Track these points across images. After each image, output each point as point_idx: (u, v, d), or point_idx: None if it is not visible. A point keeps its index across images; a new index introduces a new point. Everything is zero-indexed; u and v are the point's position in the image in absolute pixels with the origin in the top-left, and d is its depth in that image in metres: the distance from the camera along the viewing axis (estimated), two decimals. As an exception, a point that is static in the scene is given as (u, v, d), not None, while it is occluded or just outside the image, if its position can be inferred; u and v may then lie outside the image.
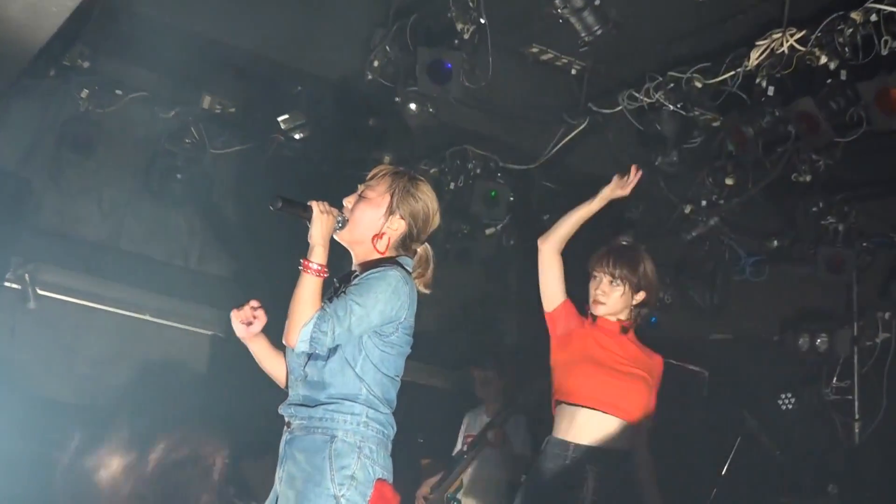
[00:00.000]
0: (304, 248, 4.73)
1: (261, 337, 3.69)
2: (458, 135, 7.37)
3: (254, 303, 3.66)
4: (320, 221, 3.47)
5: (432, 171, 7.61)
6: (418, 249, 3.72)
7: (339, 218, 3.57)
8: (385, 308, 3.47)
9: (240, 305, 3.65)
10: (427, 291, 3.70)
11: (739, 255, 7.40)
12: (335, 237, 3.58)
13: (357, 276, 3.56)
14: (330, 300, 3.48)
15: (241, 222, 8.06)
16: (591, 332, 4.75)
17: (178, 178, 7.68)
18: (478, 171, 7.55)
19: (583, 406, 4.63)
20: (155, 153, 7.72)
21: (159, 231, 7.96)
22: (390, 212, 3.63)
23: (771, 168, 6.34)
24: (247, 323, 3.64)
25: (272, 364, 3.75)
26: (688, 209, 7.00)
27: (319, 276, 3.42)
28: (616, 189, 4.88)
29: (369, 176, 3.74)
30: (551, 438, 4.70)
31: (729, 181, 6.72)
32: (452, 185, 7.57)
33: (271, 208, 3.45)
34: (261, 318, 3.65)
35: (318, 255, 3.44)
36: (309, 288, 3.41)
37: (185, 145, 7.64)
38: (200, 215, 8.05)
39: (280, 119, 7.03)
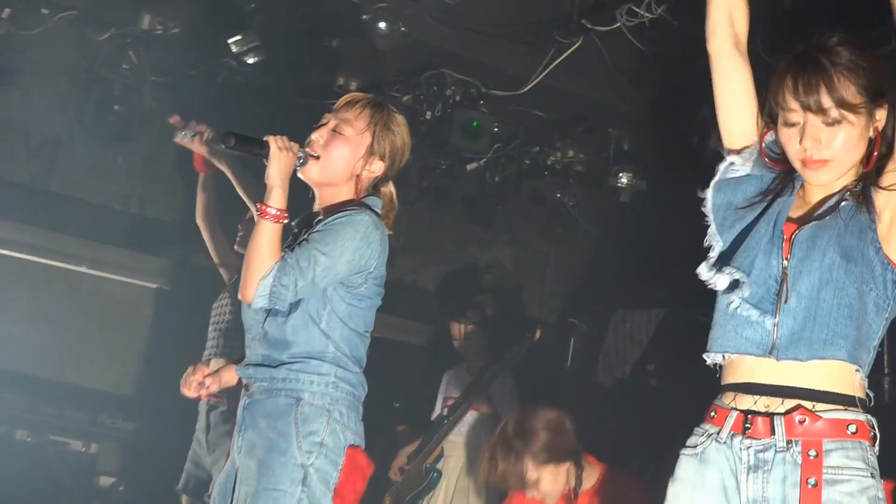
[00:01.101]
0: (260, 189, 4.72)
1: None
2: (435, 57, 7.34)
3: (199, 375, 3.71)
4: (279, 159, 3.44)
5: (405, 98, 7.57)
6: (384, 188, 3.75)
7: (301, 154, 3.54)
8: (353, 257, 3.48)
9: (185, 378, 3.73)
10: (389, 232, 3.71)
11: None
12: (300, 175, 3.58)
13: (320, 220, 3.55)
14: (290, 249, 3.49)
15: (189, 159, 8.02)
16: None
17: (115, 111, 7.59)
18: (457, 98, 7.52)
19: None
20: (88, 82, 7.64)
21: (95, 171, 7.90)
22: (371, 152, 3.64)
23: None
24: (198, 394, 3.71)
25: None
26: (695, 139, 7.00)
27: (278, 221, 3.42)
28: None
29: (341, 104, 3.72)
30: None
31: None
32: (429, 115, 7.54)
33: (223, 146, 3.44)
34: (215, 385, 3.70)
35: (276, 197, 3.43)
36: (267, 235, 3.40)
37: (123, 72, 7.52)
38: (141, 152, 7.99)
39: (231, 41, 6.96)
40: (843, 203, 2.92)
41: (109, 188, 8.00)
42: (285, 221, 3.44)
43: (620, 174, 7.49)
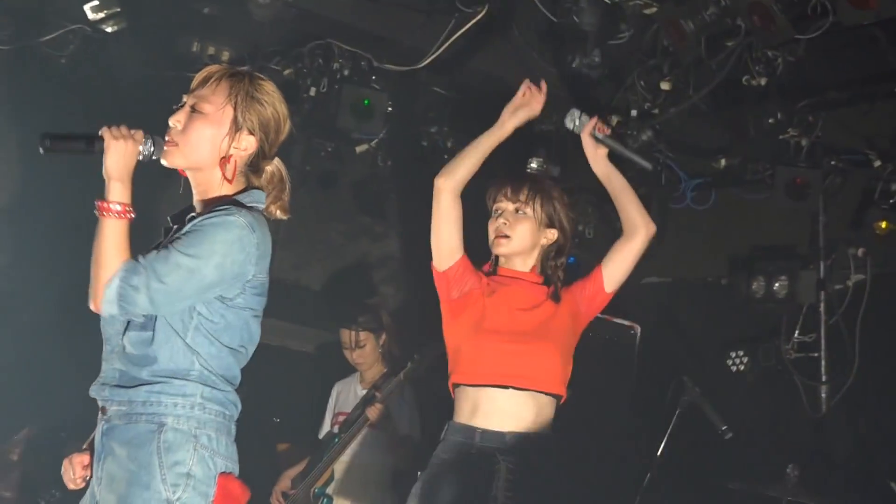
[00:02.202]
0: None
1: None
2: (320, 26, 7.31)
3: (79, 470, 3.64)
4: (115, 150, 3.41)
5: (286, 72, 7.52)
6: (267, 167, 3.72)
7: (147, 141, 3.50)
8: (224, 262, 3.44)
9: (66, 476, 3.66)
10: (286, 217, 3.74)
11: (679, 178, 7.48)
12: (165, 163, 3.58)
13: (192, 217, 3.53)
14: (156, 249, 3.47)
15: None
16: (491, 288, 4.81)
17: None
18: (346, 72, 7.50)
19: (486, 385, 4.67)
20: None
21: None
22: (236, 127, 3.61)
23: (717, 69, 6.41)
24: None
25: None
26: (614, 121, 7.05)
27: (122, 217, 3.39)
28: (521, 107, 4.94)
29: (195, 82, 3.68)
30: (451, 424, 4.75)
31: (665, 86, 6.82)
32: (313, 91, 7.50)
33: (41, 151, 3.40)
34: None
35: (116, 191, 3.41)
36: (111, 234, 3.38)
37: None
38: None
39: (87, 6, 6.86)
40: None
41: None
42: (131, 216, 3.41)
43: (530, 159, 7.45)
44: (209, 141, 3.58)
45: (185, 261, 3.38)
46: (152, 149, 3.51)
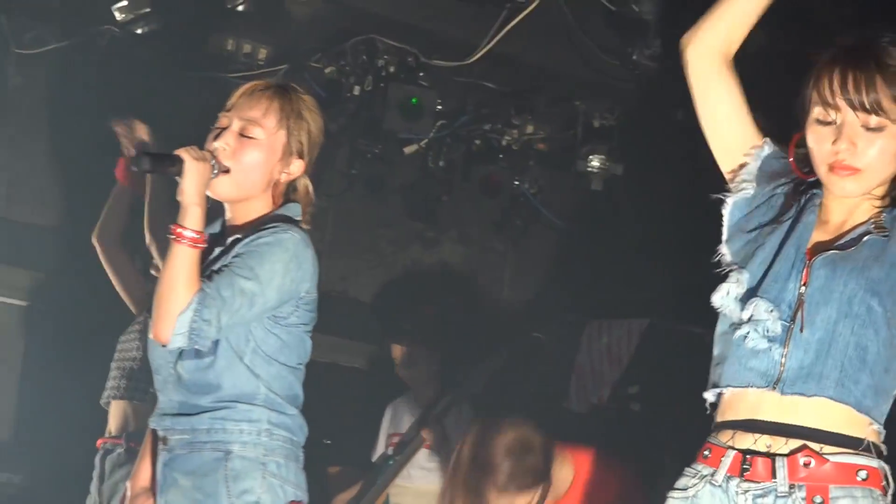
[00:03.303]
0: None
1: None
2: (363, 20, 7.42)
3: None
4: (196, 172, 3.51)
5: (328, 70, 7.65)
6: (301, 182, 3.87)
7: (214, 163, 3.62)
8: (284, 282, 3.59)
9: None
10: (308, 227, 3.81)
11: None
12: (209, 193, 3.64)
13: (237, 240, 3.66)
14: (209, 278, 3.55)
15: (62, 150, 8.10)
16: None
17: None
18: (391, 69, 7.60)
19: None
20: None
21: (-53, 165, 7.95)
22: (288, 153, 3.76)
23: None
24: None
25: None
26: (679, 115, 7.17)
27: (196, 246, 3.49)
28: None
29: (237, 99, 3.78)
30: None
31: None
32: (357, 90, 7.61)
33: (134, 169, 3.58)
34: None
35: (193, 218, 3.50)
36: (184, 263, 3.47)
37: None
38: (6, 141, 8.06)
39: (115, 7, 7.08)
40: (867, 237, 3.12)
41: (-34, 186, 8.06)
42: (204, 246, 3.53)
43: (591, 156, 7.58)
44: (262, 168, 3.71)
45: (248, 286, 3.51)
46: (215, 173, 3.63)
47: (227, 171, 3.66)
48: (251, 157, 3.70)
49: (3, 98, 7.88)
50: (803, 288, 3.08)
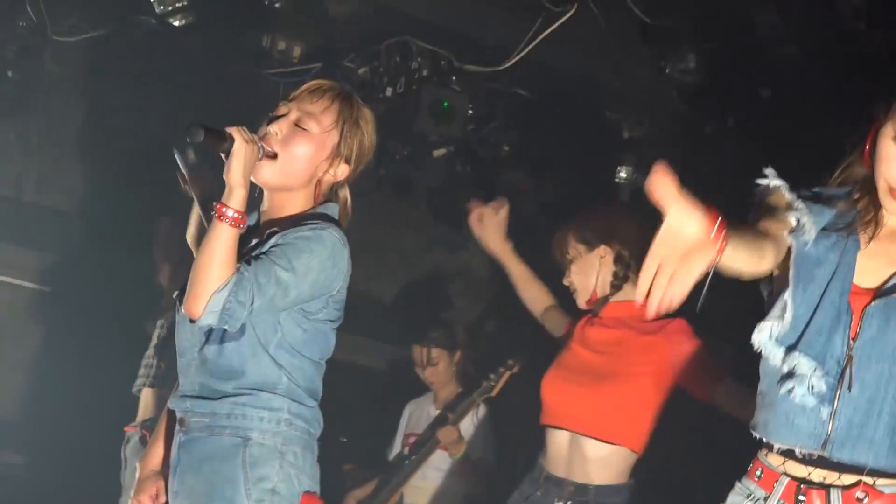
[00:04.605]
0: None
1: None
2: (398, 22, 7.45)
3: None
4: (243, 154, 3.54)
5: (361, 70, 7.65)
6: (341, 192, 3.89)
7: (261, 145, 3.64)
8: (319, 278, 3.60)
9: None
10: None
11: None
12: (253, 178, 3.65)
13: (274, 232, 3.66)
14: (247, 263, 3.56)
15: (96, 137, 8.15)
16: (577, 330, 5.13)
17: (8, 77, 7.71)
18: (424, 72, 7.61)
19: (548, 426, 4.99)
20: None
21: (-20, 150, 8.01)
22: (336, 154, 3.77)
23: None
24: None
25: None
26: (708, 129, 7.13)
27: (236, 226, 3.50)
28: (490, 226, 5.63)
29: (301, 92, 3.82)
30: (537, 461, 5.05)
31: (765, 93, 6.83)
32: (389, 91, 7.61)
33: (188, 140, 3.54)
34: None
35: (237, 198, 3.51)
36: (223, 241, 3.47)
37: (19, 30, 7.62)
38: (38, 128, 8.17)
39: (154, -1, 7.09)
40: None
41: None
42: (244, 227, 3.53)
43: (619, 167, 7.60)
44: (308, 161, 3.73)
45: (284, 276, 3.52)
46: (261, 156, 3.66)
47: (274, 156, 3.70)
48: (300, 148, 3.73)
49: (38, 84, 7.93)
50: (852, 342, 3.03)
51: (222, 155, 3.57)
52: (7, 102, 7.83)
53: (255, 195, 3.76)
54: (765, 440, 3.18)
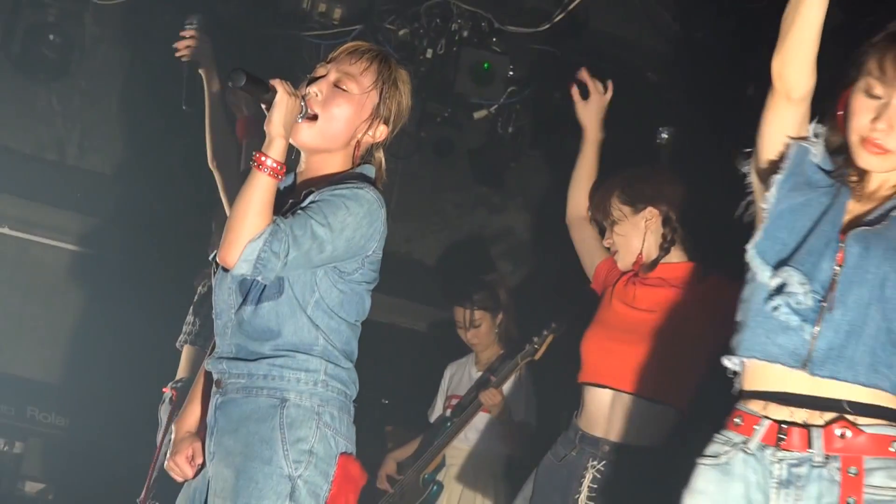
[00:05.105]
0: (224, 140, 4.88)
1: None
2: None
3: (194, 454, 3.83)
4: (285, 106, 3.55)
5: (402, 32, 7.70)
6: (377, 154, 3.89)
7: (303, 104, 3.66)
8: (354, 236, 3.61)
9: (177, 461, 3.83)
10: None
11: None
12: (291, 140, 3.65)
13: (311, 192, 3.67)
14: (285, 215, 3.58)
15: (137, 100, 8.15)
16: (619, 288, 5.10)
17: (50, 41, 7.68)
18: (465, 34, 7.63)
19: (589, 383, 4.99)
20: (16, 5, 7.70)
21: (25, 113, 8.07)
22: (376, 115, 3.79)
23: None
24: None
25: None
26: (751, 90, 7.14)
27: (276, 176, 3.51)
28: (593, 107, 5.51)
29: (339, 53, 3.84)
30: (572, 421, 5.04)
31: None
32: (430, 53, 7.67)
33: (230, 84, 3.53)
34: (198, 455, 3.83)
35: (277, 148, 3.52)
36: (261, 191, 3.49)
37: None
38: (80, 92, 8.17)
39: (194, -38, 7.05)
40: (894, 212, 3.20)
41: (41, 134, 8.17)
42: (281, 179, 3.55)
43: (660, 129, 7.58)
44: (348, 122, 3.75)
45: (321, 231, 3.53)
46: (302, 115, 3.67)
47: (314, 117, 3.72)
48: (340, 109, 3.75)
49: (80, 48, 7.93)
50: (838, 268, 3.13)
51: (263, 106, 3.58)
52: (49, 66, 7.79)
53: (291, 157, 3.75)
54: (745, 359, 3.25)
